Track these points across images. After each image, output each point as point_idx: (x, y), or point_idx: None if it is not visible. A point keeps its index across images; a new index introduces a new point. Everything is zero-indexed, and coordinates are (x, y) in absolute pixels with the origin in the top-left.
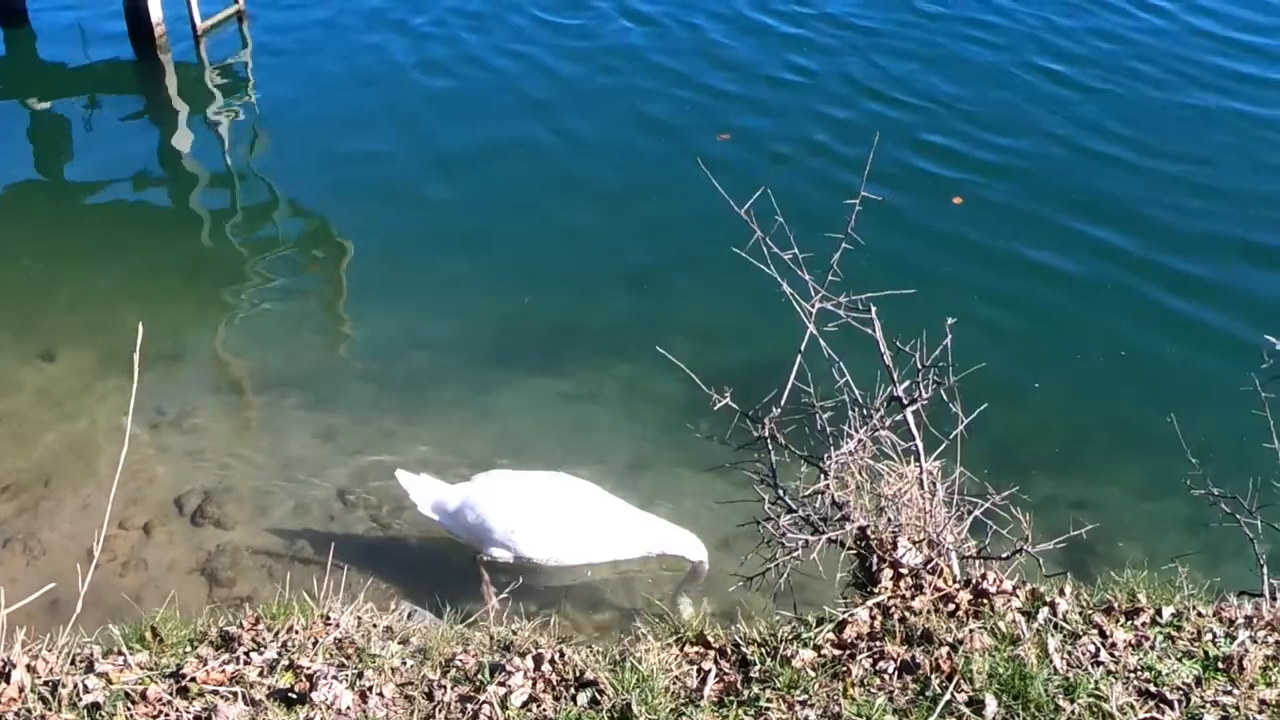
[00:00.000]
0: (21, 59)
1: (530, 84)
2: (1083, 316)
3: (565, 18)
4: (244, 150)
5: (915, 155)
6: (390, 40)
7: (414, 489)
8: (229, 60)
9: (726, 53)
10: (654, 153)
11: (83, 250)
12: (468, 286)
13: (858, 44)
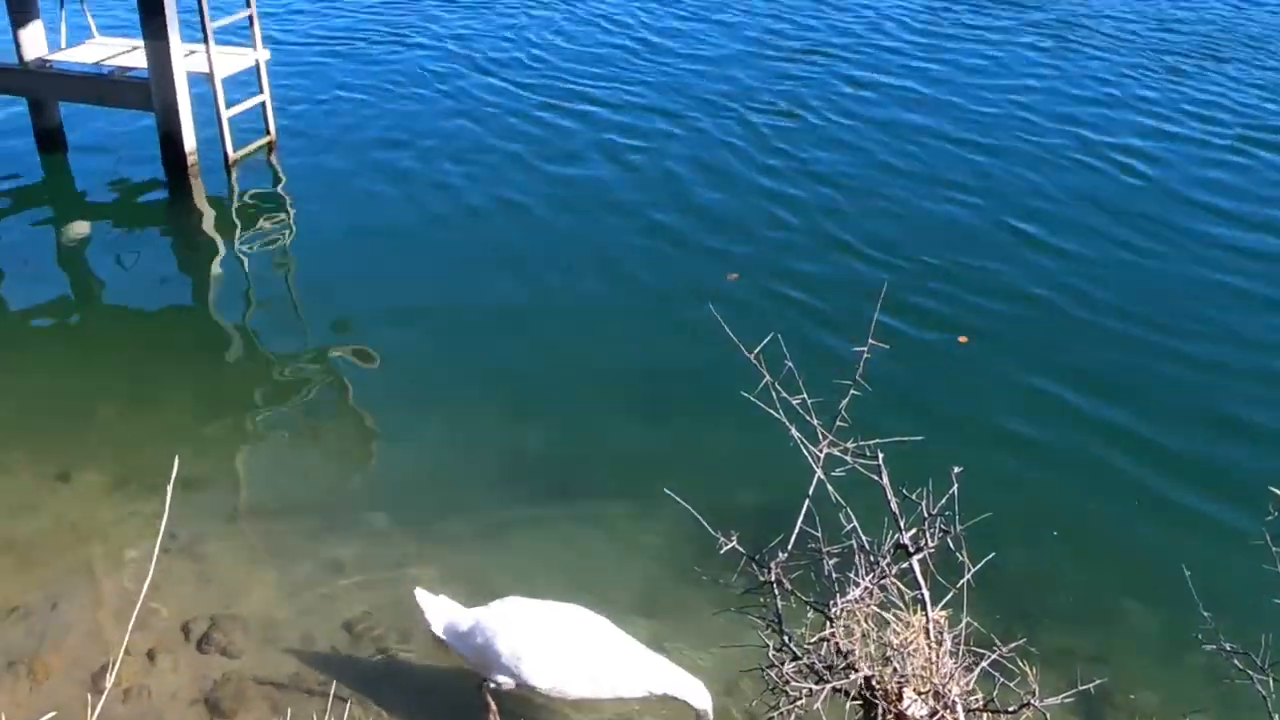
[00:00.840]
0: (58, 183)
1: (545, 223)
2: (1094, 464)
3: (574, 168)
4: (268, 276)
5: (920, 298)
6: (414, 175)
7: (430, 608)
8: (258, 189)
9: (735, 204)
10: (663, 291)
11: (104, 372)
12: (482, 416)
13: (861, 195)
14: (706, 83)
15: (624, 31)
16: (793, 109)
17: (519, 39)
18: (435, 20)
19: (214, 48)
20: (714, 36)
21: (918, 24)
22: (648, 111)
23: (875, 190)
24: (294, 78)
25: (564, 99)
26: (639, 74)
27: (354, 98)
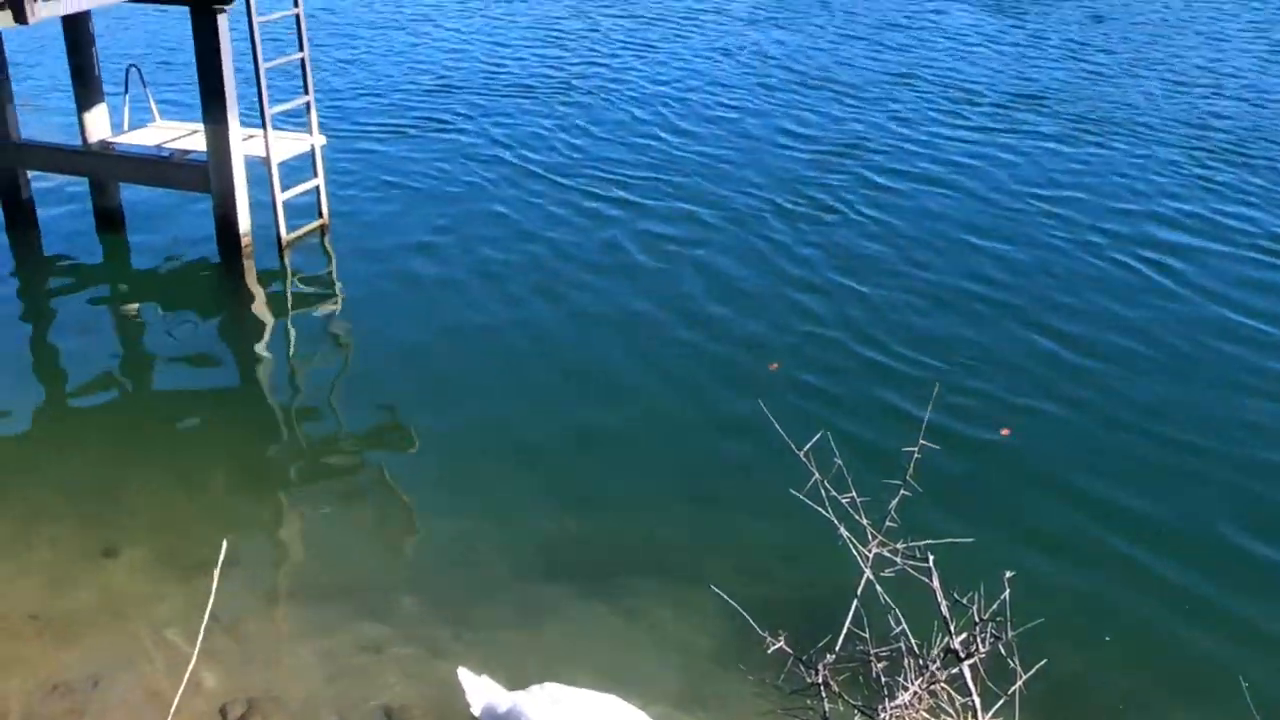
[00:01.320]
0: (116, 262)
1: (585, 311)
2: (1143, 566)
3: (612, 257)
4: (314, 358)
5: (960, 394)
6: (459, 261)
7: (471, 687)
8: (309, 271)
9: (772, 296)
10: (705, 381)
11: (152, 449)
12: (522, 501)
13: (896, 289)
14: (739, 173)
15: (655, 123)
16: (825, 202)
17: (555, 127)
18: (478, 109)
19: (272, 133)
20: (743, 129)
21: (945, 119)
22: (683, 203)
23: (910, 285)
24: (347, 163)
25: (600, 188)
26: (673, 165)
27: (404, 184)
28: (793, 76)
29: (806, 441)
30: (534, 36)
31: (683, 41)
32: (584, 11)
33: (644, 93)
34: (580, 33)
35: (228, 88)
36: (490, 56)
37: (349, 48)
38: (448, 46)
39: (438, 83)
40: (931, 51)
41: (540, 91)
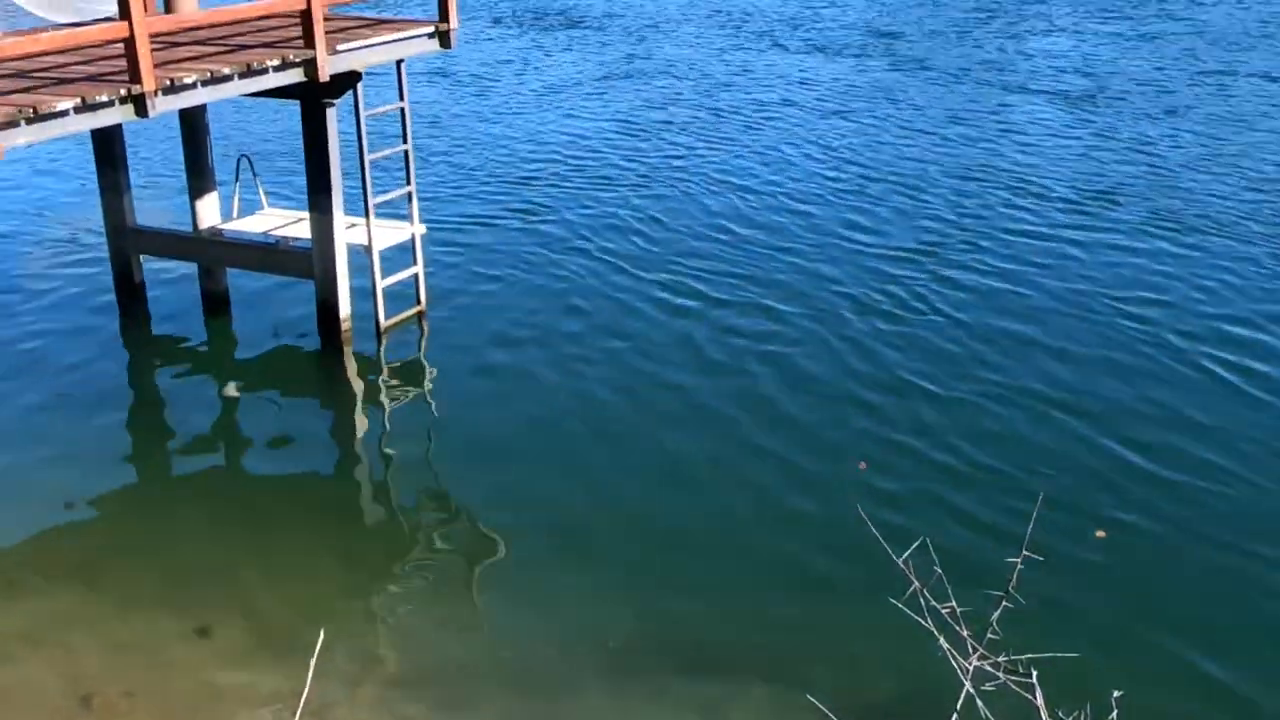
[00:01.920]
0: (220, 344)
1: (672, 410)
2: (1249, 695)
3: (696, 357)
4: (410, 443)
5: (1053, 498)
6: (552, 352)
7: None
8: (406, 357)
9: (855, 396)
10: (791, 479)
11: (247, 530)
12: (613, 595)
13: (974, 393)
14: (811, 267)
15: (728, 216)
16: (897, 298)
17: (632, 219)
18: (562, 200)
19: (374, 222)
20: (813, 223)
21: (1014, 215)
22: (758, 298)
23: (986, 387)
24: (444, 252)
25: (677, 281)
26: (747, 259)
27: (495, 273)
28: (860, 170)
29: (899, 545)
30: (611, 128)
31: (753, 133)
32: (658, 104)
33: (718, 185)
34: (655, 124)
35: (334, 178)
36: (572, 148)
37: (444, 139)
38: (532, 139)
39: (525, 174)
40: (998, 145)
41: (618, 183)
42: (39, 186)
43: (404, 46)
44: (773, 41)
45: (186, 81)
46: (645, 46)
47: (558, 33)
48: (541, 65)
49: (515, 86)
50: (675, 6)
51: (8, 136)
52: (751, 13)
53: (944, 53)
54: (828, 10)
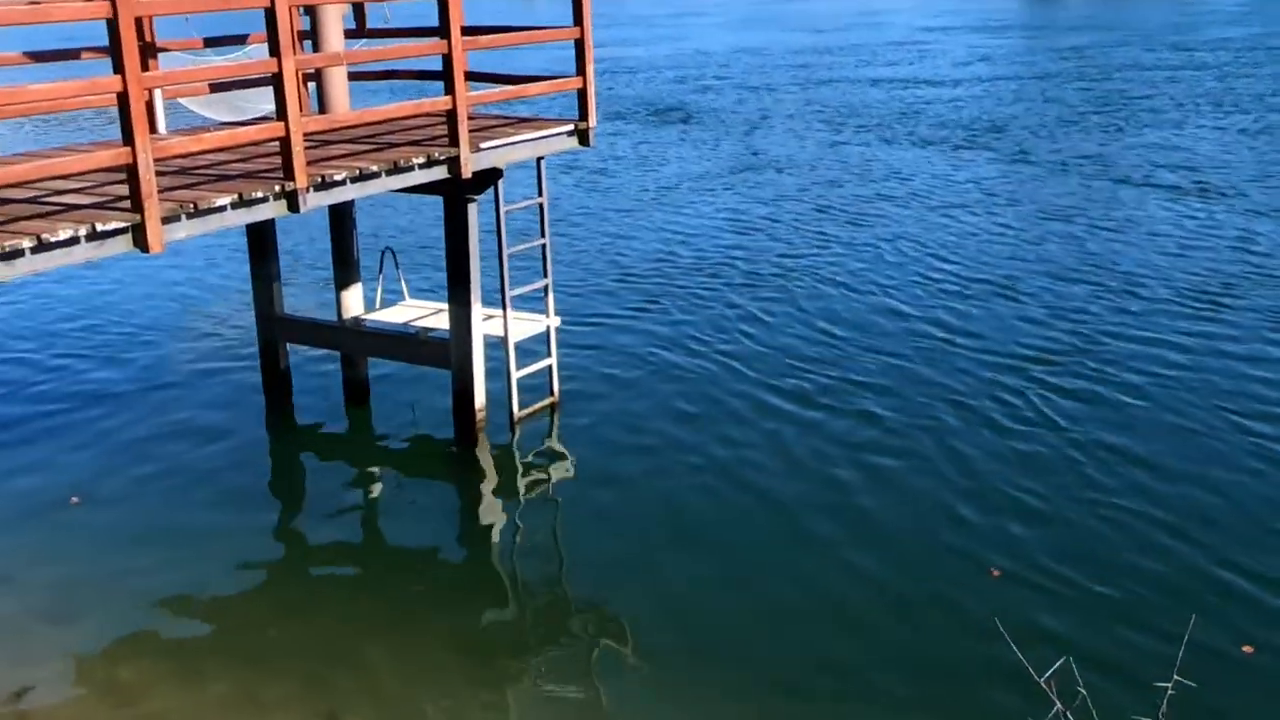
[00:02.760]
0: (359, 432)
1: (803, 516)
2: None
3: (824, 465)
4: (539, 535)
5: (1180, 623)
6: (681, 450)
7: None
8: (539, 447)
9: (977, 501)
10: (923, 588)
11: (379, 615)
12: (735, 690)
13: (1106, 505)
14: (928, 372)
15: (840, 316)
16: (1003, 407)
17: (754, 316)
18: (681, 296)
19: (511, 314)
20: (914, 326)
21: (1124, 319)
22: (865, 403)
23: (1104, 508)
24: (576, 344)
25: (782, 382)
26: (853, 362)
27: (626, 368)
28: (963, 269)
29: (1039, 660)
30: (724, 224)
31: (857, 230)
32: (767, 199)
33: (825, 282)
34: (763, 220)
35: (473, 271)
36: (687, 244)
37: (567, 232)
38: (654, 233)
39: (647, 268)
40: (1105, 243)
41: (732, 279)
42: (193, 275)
43: (545, 144)
44: (877, 136)
45: (336, 178)
46: (754, 141)
47: (670, 127)
48: (657, 159)
49: (636, 180)
50: (781, 101)
51: (170, 230)
52: (855, 108)
53: (1047, 147)
54: (931, 105)
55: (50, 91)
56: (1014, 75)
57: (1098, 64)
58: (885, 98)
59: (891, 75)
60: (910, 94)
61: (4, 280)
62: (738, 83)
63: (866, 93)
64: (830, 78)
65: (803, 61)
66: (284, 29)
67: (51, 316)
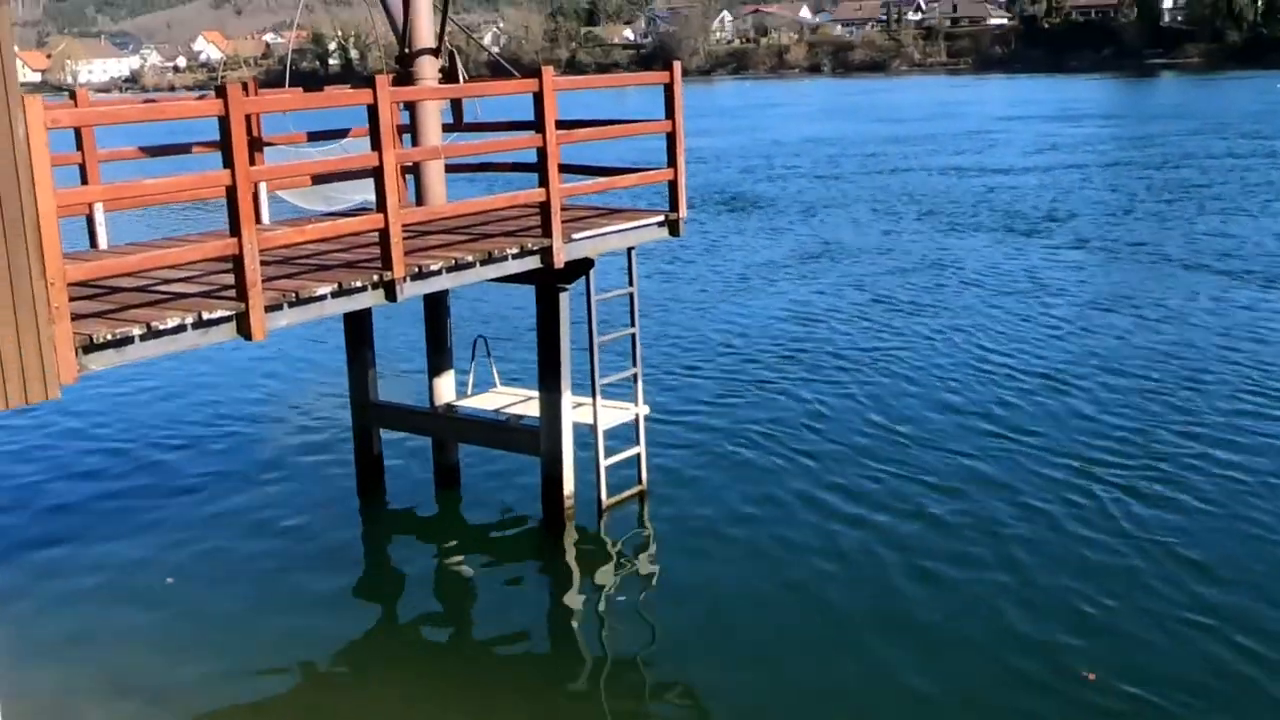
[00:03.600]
0: (449, 517)
1: (897, 603)
2: None
3: (922, 558)
4: (627, 623)
5: None
6: (774, 539)
7: None
8: (626, 535)
9: (1080, 600)
10: (1015, 686)
11: (463, 701)
12: None
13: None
14: (992, 475)
15: (900, 411)
16: (1075, 514)
17: (831, 408)
18: (767, 383)
19: (600, 402)
20: (997, 426)
21: (1201, 429)
22: (948, 508)
23: (1200, 620)
24: (669, 433)
25: (869, 477)
26: (944, 467)
27: (721, 457)
28: (1022, 363)
29: None
30: (787, 314)
31: (921, 320)
32: (837, 289)
33: (887, 375)
34: (856, 307)
35: (563, 359)
36: (751, 334)
37: (666, 321)
38: (727, 324)
39: (739, 358)
40: (1167, 334)
41: (806, 367)
42: (290, 360)
43: (635, 235)
44: (942, 225)
45: (433, 268)
46: (821, 229)
47: (741, 215)
48: (728, 247)
49: (708, 268)
50: (850, 190)
51: (272, 319)
52: (922, 196)
53: (1111, 235)
54: (995, 194)
55: (164, 185)
56: (1080, 164)
57: (1166, 152)
58: (952, 187)
59: (959, 164)
60: (976, 183)
61: (114, 366)
62: (808, 172)
63: (934, 182)
64: (899, 167)
65: (872, 151)
66: (385, 125)
67: (155, 399)
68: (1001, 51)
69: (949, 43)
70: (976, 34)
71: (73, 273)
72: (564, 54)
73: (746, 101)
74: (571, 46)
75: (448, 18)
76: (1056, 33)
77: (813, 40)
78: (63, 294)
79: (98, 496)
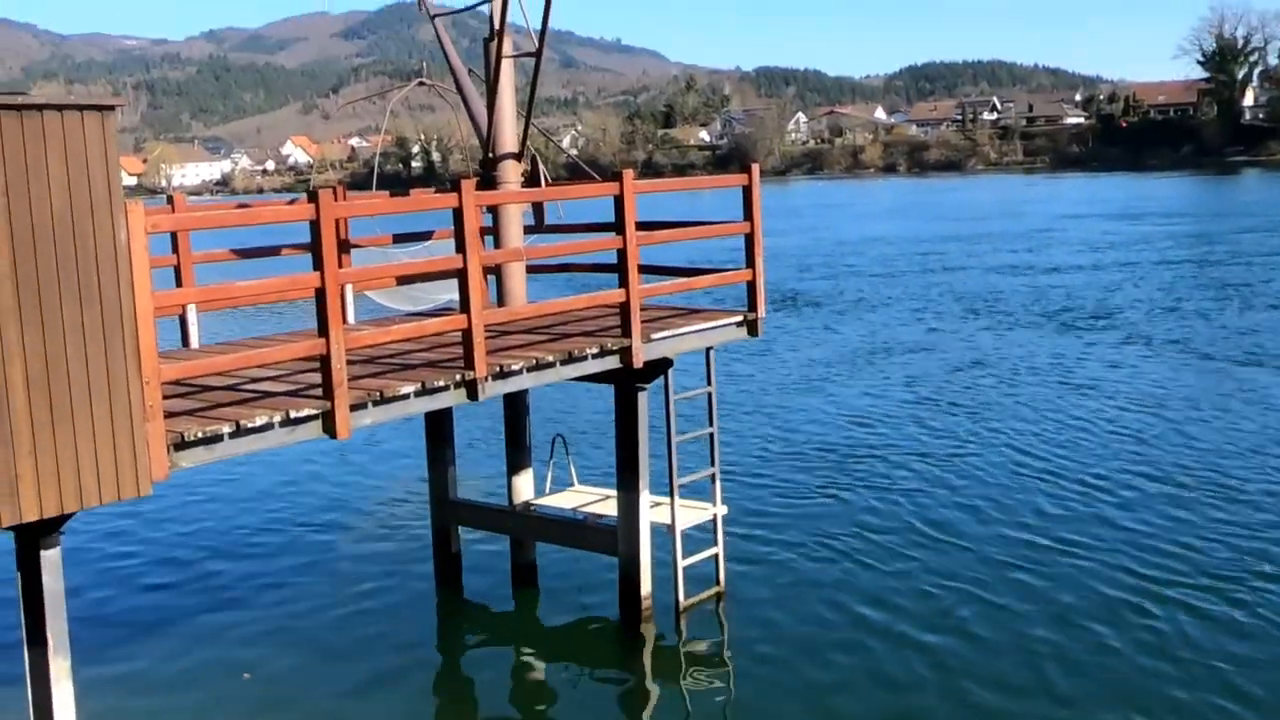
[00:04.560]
0: (525, 615)
1: None
2: None
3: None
4: None
5: None
6: (856, 645)
7: None
8: (703, 637)
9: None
10: None
11: None
12: None
13: None
14: (1042, 585)
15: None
16: (1132, 638)
17: (922, 505)
18: (851, 483)
19: (678, 502)
20: (1114, 533)
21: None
22: (992, 623)
23: None
24: (747, 533)
25: (957, 577)
26: (998, 582)
27: (798, 558)
28: (1076, 468)
29: None
30: (870, 409)
31: (973, 419)
32: (896, 387)
33: (936, 485)
34: (898, 409)
35: (641, 458)
36: (847, 433)
37: (744, 420)
38: (810, 423)
39: (809, 458)
40: (1230, 436)
41: (892, 464)
42: (371, 457)
43: (715, 335)
44: (1000, 322)
45: (514, 368)
46: (881, 327)
47: (804, 312)
48: (789, 345)
49: (771, 366)
50: (908, 288)
51: (356, 417)
52: (976, 294)
53: (1172, 332)
54: (1049, 290)
55: (254, 288)
56: (1132, 261)
57: (1224, 248)
58: (1003, 285)
59: (1017, 262)
60: (1026, 281)
61: (203, 463)
62: (868, 271)
63: (990, 280)
64: (958, 265)
65: (933, 250)
66: (470, 228)
67: (239, 493)
68: (1079, 150)
69: (1025, 141)
70: (1053, 133)
71: (167, 372)
72: (641, 155)
73: (815, 201)
74: (648, 148)
75: (529, 123)
76: (1134, 131)
77: (888, 140)
78: (157, 392)
79: (179, 587)
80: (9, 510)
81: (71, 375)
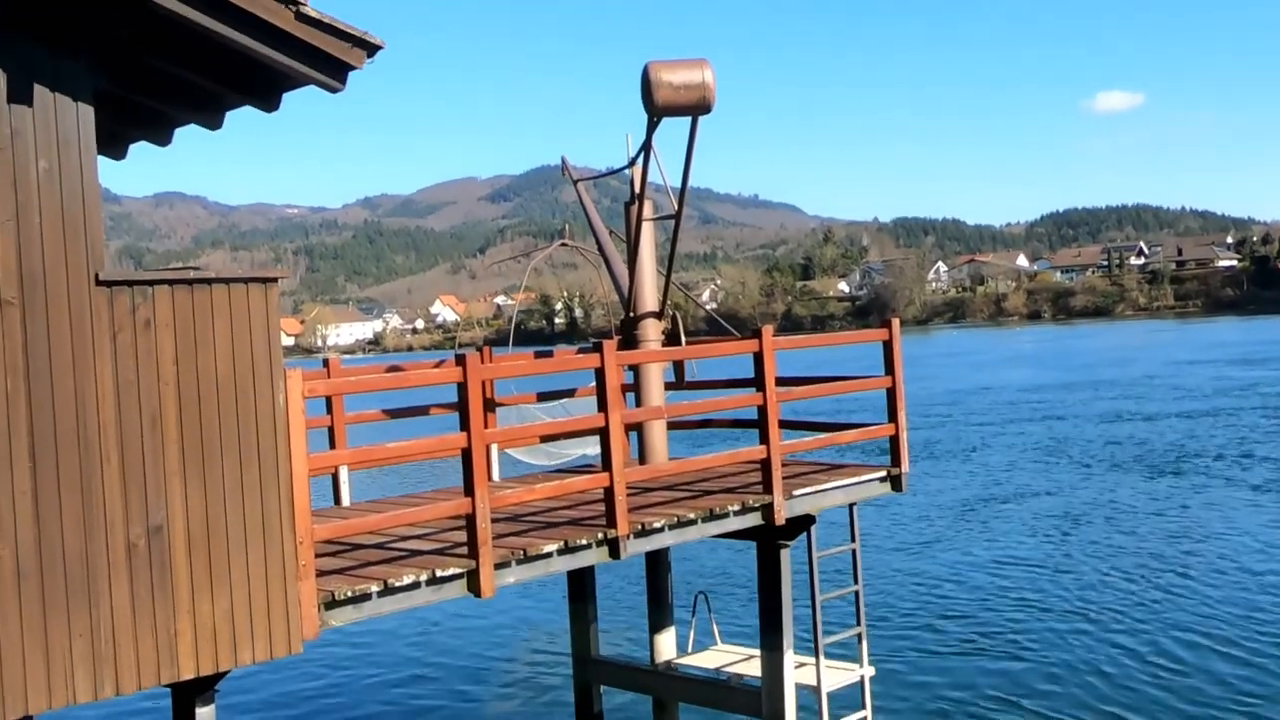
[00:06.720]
0: None
1: None
2: None
3: None
4: None
5: None
6: None
7: None
8: None
9: None
10: None
11: None
12: None
13: None
14: None
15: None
16: None
17: (1075, 663)
18: (1005, 639)
19: (823, 662)
20: None
21: None
22: None
23: None
24: (895, 694)
25: None
26: None
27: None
28: (1216, 625)
29: None
30: (1015, 568)
31: (1112, 573)
32: (1033, 540)
33: (1083, 635)
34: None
35: (785, 617)
36: (985, 586)
37: (885, 574)
38: (943, 578)
39: (963, 612)
40: None
41: (1032, 621)
42: (514, 614)
43: (857, 490)
44: (1114, 468)
45: (656, 526)
46: (1010, 473)
47: (933, 463)
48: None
49: (894, 516)
50: (1021, 437)
51: (500, 575)
52: (1076, 440)
53: None
54: (1164, 436)
55: (404, 449)
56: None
57: None
58: (1112, 432)
59: (1121, 409)
60: (1138, 427)
61: (351, 622)
62: (976, 420)
63: (1091, 428)
64: (1064, 414)
65: (1041, 398)
66: (612, 387)
67: (385, 650)
68: (1233, 293)
69: (1175, 285)
70: (1204, 276)
71: (320, 532)
72: (779, 307)
73: (931, 350)
74: (787, 300)
75: (670, 281)
76: None
77: (1031, 287)
78: (310, 552)
79: None
80: (167, 668)
81: (230, 535)
